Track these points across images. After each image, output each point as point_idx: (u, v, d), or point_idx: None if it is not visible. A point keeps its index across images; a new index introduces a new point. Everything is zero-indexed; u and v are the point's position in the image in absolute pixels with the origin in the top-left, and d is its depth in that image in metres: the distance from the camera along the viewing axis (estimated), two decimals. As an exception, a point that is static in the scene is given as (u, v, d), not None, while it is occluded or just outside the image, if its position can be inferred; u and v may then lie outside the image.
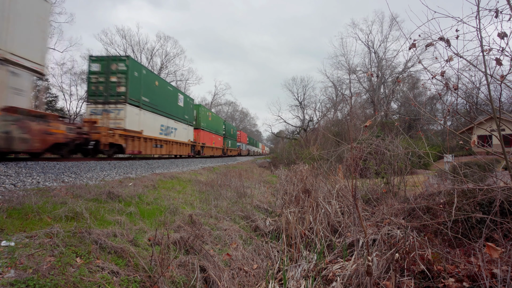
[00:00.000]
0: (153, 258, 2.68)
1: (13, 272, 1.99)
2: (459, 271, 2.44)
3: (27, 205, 3.25)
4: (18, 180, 4.81)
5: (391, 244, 3.09)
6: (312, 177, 6.33)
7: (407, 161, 6.10)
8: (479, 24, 2.77)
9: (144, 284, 2.46)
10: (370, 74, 30.72)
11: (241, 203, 5.94)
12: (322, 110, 36.98)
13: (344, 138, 14.02)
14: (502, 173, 3.81)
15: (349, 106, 22.04)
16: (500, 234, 2.81)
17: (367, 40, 38.60)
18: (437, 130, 29.65)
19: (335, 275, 3.05)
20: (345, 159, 7.90)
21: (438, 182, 5.52)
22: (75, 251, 2.46)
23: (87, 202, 3.84)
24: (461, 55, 2.94)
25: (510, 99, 14.74)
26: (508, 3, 2.70)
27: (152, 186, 5.91)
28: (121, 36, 45.65)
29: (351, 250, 3.73)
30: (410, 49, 3.08)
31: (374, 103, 35.04)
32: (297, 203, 5.54)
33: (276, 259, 3.89)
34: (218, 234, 3.96)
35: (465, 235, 3.10)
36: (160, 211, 4.28)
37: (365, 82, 38.37)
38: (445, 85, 3.23)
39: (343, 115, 25.27)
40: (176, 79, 47.64)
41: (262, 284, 3.22)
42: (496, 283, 2.14)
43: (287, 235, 4.24)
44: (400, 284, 2.51)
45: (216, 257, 3.23)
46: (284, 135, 48.36)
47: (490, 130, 3.57)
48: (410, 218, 4.03)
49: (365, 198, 5.71)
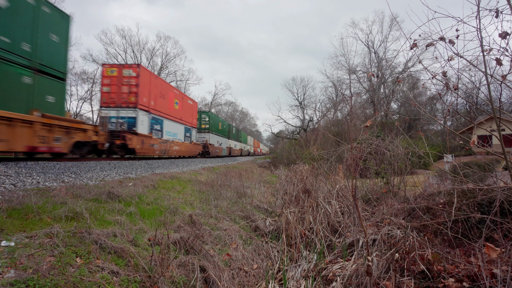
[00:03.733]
0: (153, 258, 2.68)
1: (13, 272, 1.99)
2: (459, 271, 2.44)
3: (27, 205, 3.25)
4: (18, 180, 4.81)
5: (391, 244, 3.09)
6: (312, 177, 6.33)
7: (407, 161, 6.10)
8: (479, 24, 2.77)
9: (144, 284, 2.46)
10: (371, 75, 30.71)
11: (241, 203, 5.93)
12: (322, 110, 36.99)
13: (344, 138, 14.01)
14: (502, 173, 3.81)
15: (349, 106, 22.05)
16: (500, 234, 2.80)
17: (367, 40, 38.62)
18: (437, 130, 29.65)
19: (335, 275, 3.05)
20: (345, 159, 7.90)
21: (438, 182, 5.52)
22: (75, 251, 2.46)
23: (87, 202, 3.84)
24: (461, 55, 2.94)
25: (510, 99, 14.75)
26: (508, 3, 2.70)
27: (152, 186, 5.91)
28: (121, 36, 45.78)
29: (351, 250, 3.73)
30: (411, 49, 3.08)
31: (374, 103, 35.03)
32: (297, 203, 5.54)
33: (276, 259, 3.89)
34: (218, 234, 3.96)
35: (465, 235, 3.10)
36: (160, 211, 4.28)
37: (365, 82, 38.39)
38: (445, 85, 3.22)
39: (343, 115, 25.28)
40: (176, 79, 47.69)
41: (262, 284, 3.22)
42: (496, 283, 2.14)
43: (287, 235, 4.24)
44: (400, 284, 2.50)
45: (216, 257, 3.22)
46: (284, 135, 48.35)
47: (490, 130, 3.57)
48: (410, 218, 4.03)
49: (365, 198, 5.70)
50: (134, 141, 12.67)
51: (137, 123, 13.02)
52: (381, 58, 37.95)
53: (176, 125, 18.09)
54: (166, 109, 16.54)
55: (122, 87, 13.24)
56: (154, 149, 14.57)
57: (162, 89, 16.06)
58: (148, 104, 14.11)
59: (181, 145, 18.47)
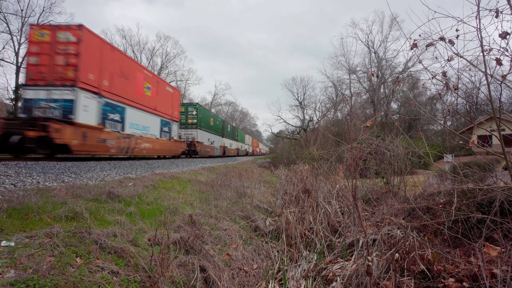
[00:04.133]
0: (153, 258, 2.68)
1: (13, 272, 1.99)
2: (459, 271, 2.44)
3: (27, 205, 3.25)
4: (18, 180, 4.81)
5: (391, 244, 3.09)
6: (312, 177, 6.33)
7: (407, 161, 6.10)
8: (479, 24, 2.77)
9: (144, 284, 2.46)
10: (371, 75, 30.72)
11: (241, 203, 5.93)
12: (322, 110, 36.99)
13: (344, 138, 14.02)
14: (502, 173, 3.81)
15: (349, 106, 22.04)
16: (500, 234, 2.80)
17: (367, 40, 38.64)
18: (437, 130, 29.68)
19: (335, 275, 3.05)
20: (345, 159, 7.90)
21: (438, 182, 5.52)
22: (75, 251, 2.46)
23: (87, 202, 3.84)
24: (461, 55, 2.94)
25: (510, 99, 14.75)
26: (508, 3, 2.70)
27: (152, 186, 5.91)
28: (121, 36, 45.76)
29: (351, 250, 3.73)
30: (411, 49, 3.08)
31: (374, 103, 35.04)
32: (297, 203, 5.54)
33: (276, 259, 3.89)
34: (218, 234, 3.96)
35: (465, 235, 3.10)
36: (160, 211, 4.28)
37: (365, 82, 38.41)
38: (445, 85, 3.23)
39: (343, 115, 25.28)
40: (176, 79, 47.67)
41: (262, 284, 3.22)
42: (496, 283, 2.14)
43: (287, 235, 4.23)
44: (400, 284, 2.50)
45: (216, 257, 3.22)
46: (284, 135, 48.34)
47: (490, 130, 3.57)
48: (410, 218, 4.03)
49: (365, 198, 5.70)
50: (67, 133, 8.61)
51: (76, 108, 9.01)
52: (381, 58, 37.98)
53: (148, 116, 13.96)
54: (131, 94, 12.37)
55: (56, 57, 9.06)
56: (107, 146, 10.51)
57: (124, 66, 11.73)
58: (98, 83, 10.04)
59: (154, 142, 14.44)
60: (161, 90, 15.72)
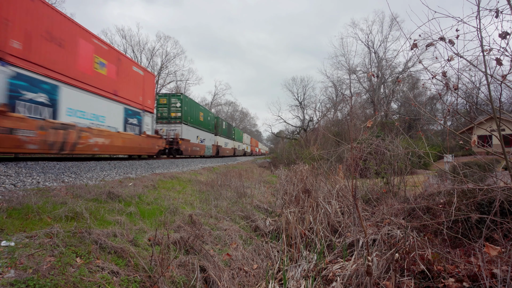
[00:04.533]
0: (153, 258, 2.68)
1: (13, 272, 1.99)
2: (459, 271, 2.44)
3: (27, 205, 3.25)
4: (18, 180, 4.81)
5: (391, 244, 3.09)
6: (312, 177, 6.33)
7: (407, 161, 6.10)
8: (480, 24, 2.77)
9: (144, 284, 2.46)
10: (371, 75, 30.73)
11: (241, 203, 5.93)
12: (322, 110, 37.00)
13: (344, 138, 14.02)
14: (502, 173, 3.81)
15: (349, 106, 22.05)
16: (500, 234, 2.80)
17: (367, 40, 38.65)
18: (437, 130, 29.68)
19: (335, 275, 3.05)
20: (345, 159, 7.90)
21: (438, 182, 5.52)
22: (75, 251, 2.46)
23: (87, 202, 3.84)
24: (461, 55, 2.94)
25: (510, 99, 14.74)
26: (508, 3, 2.70)
27: (152, 186, 5.91)
28: (121, 36, 45.77)
29: (351, 250, 3.73)
30: (411, 49, 3.08)
31: (374, 103, 35.04)
32: (297, 203, 5.54)
33: (276, 259, 3.89)
34: (218, 234, 3.96)
35: (465, 235, 3.10)
36: (160, 211, 4.28)
37: (365, 82, 38.43)
38: (445, 85, 3.23)
39: (343, 115, 25.28)
40: (176, 79, 47.70)
41: (262, 284, 3.21)
42: (496, 283, 2.14)
43: (287, 235, 4.24)
44: (400, 284, 2.51)
45: (216, 257, 3.22)
46: (284, 135, 48.36)
47: (490, 130, 3.57)
48: (410, 218, 4.03)
49: (365, 198, 5.71)
50: None
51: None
52: (381, 58, 37.98)
53: (102, 102, 10.29)
54: (71, 69, 8.71)
55: None
56: (18, 139, 6.85)
57: (55, 26, 8.10)
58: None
59: (113, 137, 10.76)
60: (125, 70, 11.86)
